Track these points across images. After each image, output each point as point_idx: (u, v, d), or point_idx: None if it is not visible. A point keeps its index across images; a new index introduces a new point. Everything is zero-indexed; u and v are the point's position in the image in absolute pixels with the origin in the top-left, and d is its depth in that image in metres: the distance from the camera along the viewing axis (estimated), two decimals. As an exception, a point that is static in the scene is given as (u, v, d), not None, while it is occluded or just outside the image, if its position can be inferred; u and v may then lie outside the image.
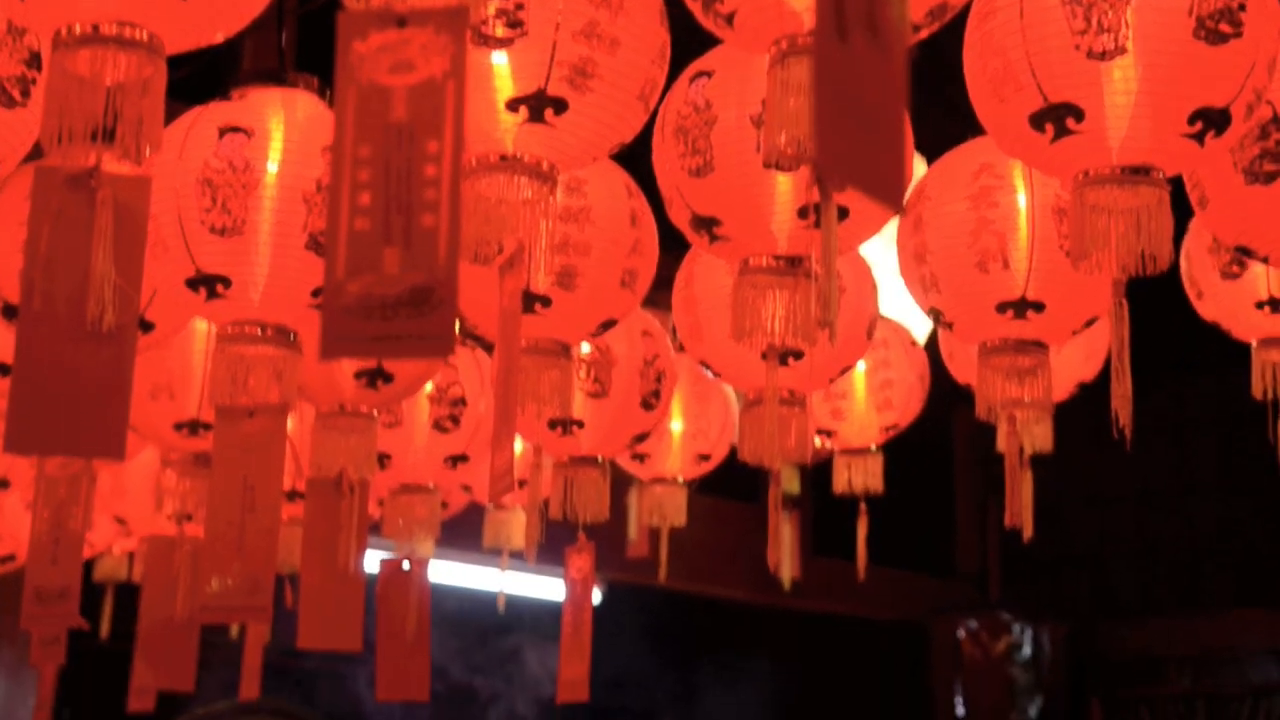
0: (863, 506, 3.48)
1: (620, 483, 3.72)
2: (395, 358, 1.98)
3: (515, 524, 3.83)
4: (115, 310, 1.42)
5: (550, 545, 3.40)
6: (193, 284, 1.97)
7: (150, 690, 2.93)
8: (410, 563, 3.20)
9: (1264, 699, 6.87)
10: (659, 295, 3.03)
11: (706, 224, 2.10)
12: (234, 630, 3.70)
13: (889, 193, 0.91)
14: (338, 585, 2.49)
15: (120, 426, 1.41)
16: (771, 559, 2.92)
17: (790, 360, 2.63)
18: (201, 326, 2.63)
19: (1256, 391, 2.75)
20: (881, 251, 3.24)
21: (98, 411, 1.39)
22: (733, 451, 4.00)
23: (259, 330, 2.01)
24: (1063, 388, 2.99)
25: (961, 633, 7.23)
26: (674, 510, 3.63)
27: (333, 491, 2.55)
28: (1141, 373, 2.69)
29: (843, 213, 2.07)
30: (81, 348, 1.42)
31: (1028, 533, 2.97)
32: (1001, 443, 2.85)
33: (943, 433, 8.06)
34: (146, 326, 2.25)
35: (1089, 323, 2.43)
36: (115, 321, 1.41)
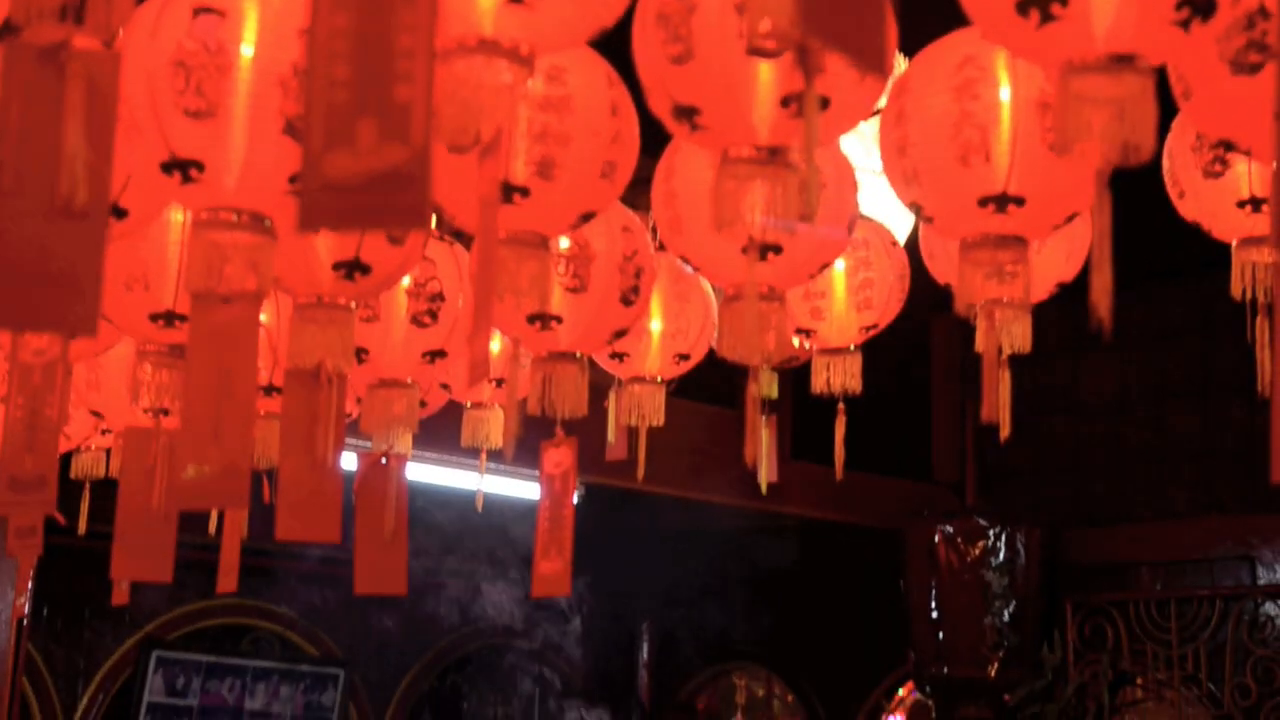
0: (841, 407, 3.48)
1: (599, 389, 3.72)
2: (372, 228, 1.96)
3: (493, 422, 3.82)
4: (87, 187, 1.40)
5: (530, 446, 3.41)
6: (167, 168, 1.95)
7: (128, 583, 2.94)
8: (388, 458, 3.20)
9: (1233, 602, 6.95)
10: (640, 199, 3.01)
11: (687, 113, 2.08)
12: (212, 527, 3.70)
13: (872, 57, 0.90)
14: (315, 477, 2.49)
15: (93, 303, 1.40)
16: (749, 454, 2.93)
17: (770, 256, 2.62)
18: (177, 217, 2.61)
19: (1235, 292, 2.74)
20: (863, 153, 3.22)
21: (71, 289, 1.38)
22: (713, 355, 4.01)
23: (234, 217, 1.99)
24: (1042, 287, 2.99)
25: (937, 537, 7.28)
26: (652, 410, 3.63)
27: (310, 384, 2.53)
28: (1119, 280, 2.69)
29: (824, 102, 2.05)
30: (54, 225, 1.40)
31: (1005, 432, 2.97)
32: (980, 342, 2.85)
33: (921, 340, 8.08)
34: (120, 213, 2.23)
35: (1069, 218, 2.42)
36: (87, 199, 1.39)
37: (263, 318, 2.91)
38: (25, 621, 5.30)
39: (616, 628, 9.64)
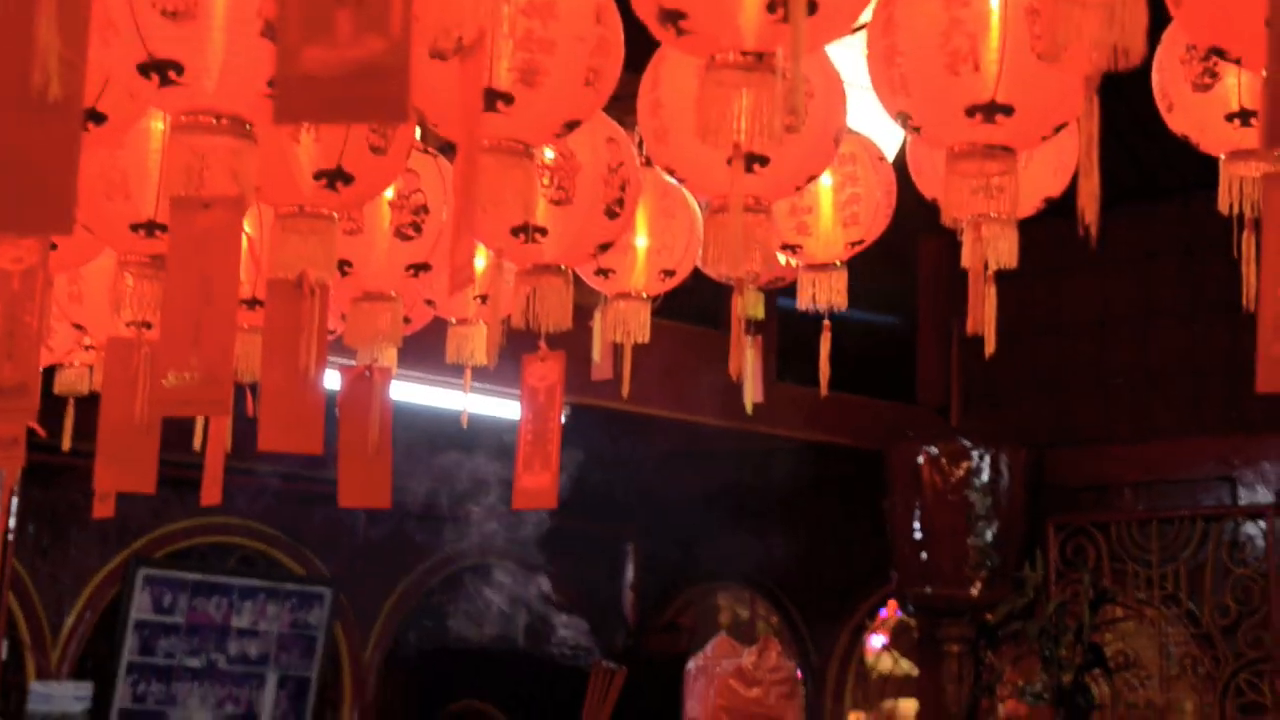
0: (826, 323, 3.48)
1: (584, 310, 3.71)
2: (349, 121, 1.94)
3: (478, 339, 3.81)
4: (61, 82, 1.37)
5: (518, 365, 3.40)
6: (144, 69, 1.92)
7: (111, 495, 2.93)
8: (372, 372, 3.19)
9: (1214, 522, 7.00)
10: (626, 116, 2.98)
11: (672, 17, 2.05)
12: (197, 442, 3.69)
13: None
14: (298, 387, 2.48)
15: (68, 201, 1.38)
16: (733, 368, 2.92)
17: (755, 167, 2.60)
18: (157, 125, 2.58)
19: (1223, 205, 2.73)
20: (851, 68, 3.19)
21: (44, 186, 1.36)
22: (700, 275, 3.99)
23: (214, 120, 1.97)
24: (1029, 202, 2.98)
25: (921, 459, 7.31)
26: (638, 326, 3.61)
27: (292, 295, 2.52)
28: (1105, 199, 2.67)
29: (811, 7, 2.03)
30: (26, 122, 1.38)
31: (989, 347, 2.97)
32: (966, 256, 2.84)
33: (907, 262, 8.07)
34: (99, 118, 2.20)
35: (1058, 129, 2.40)
36: (61, 94, 1.37)
37: (245, 228, 2.90)
38: (11, 537, 5.31)
39: (601, 549, 9.69)
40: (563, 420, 7.31)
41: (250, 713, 7.98)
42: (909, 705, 8.85)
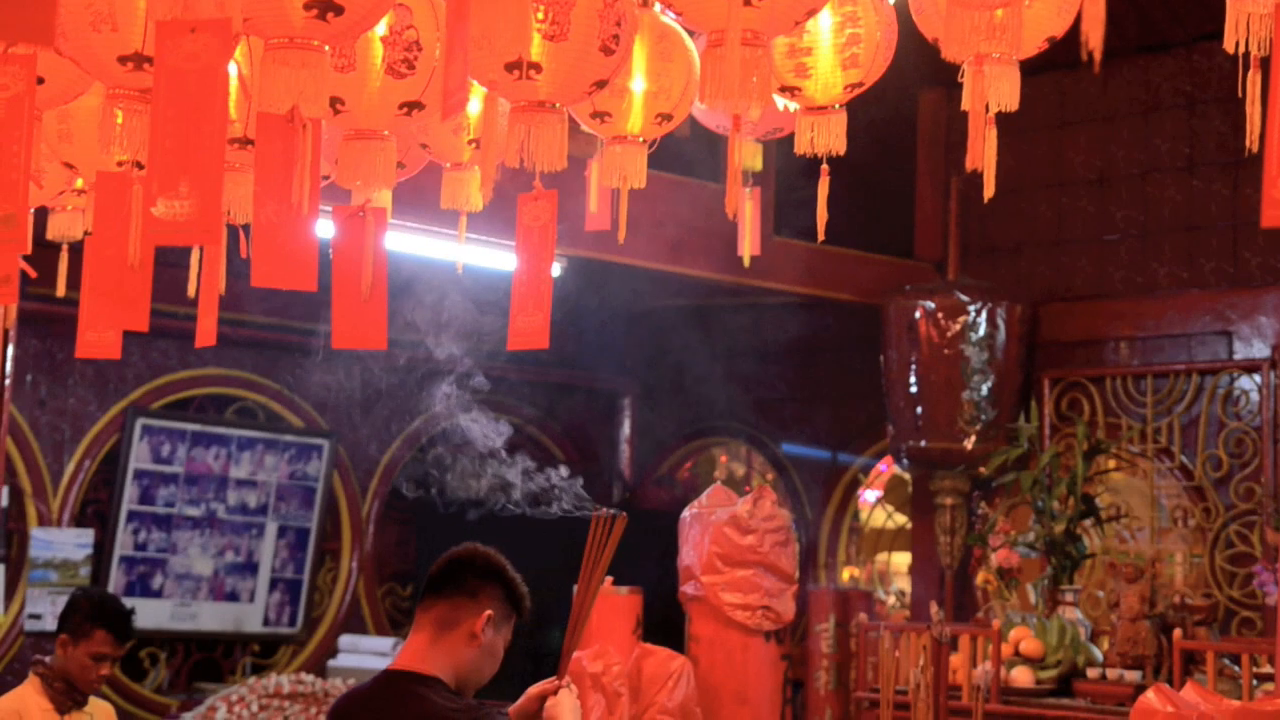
0: (825, 167, 3.45)
1: (579, 161, 3.67)
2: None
3: (472, 184, 3.78)
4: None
5: (511, 216, 3.36)
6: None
7: (101, 335, 2.91)
8: (366, 212, 3.17)
9: (1209, 377, 7.01)
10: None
11: None
12: (191, 288, 3.67)
13: None
14: (291, 223, 2.45)
15: (49, 11, 1.35)
16: (730, 205, 2.90)
17: (754, 0, 2.56)
18: (144, -46, 2.52)
19: (1229, 44, 2.69)
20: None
21: (26, -5, 1.33)
22: (698, 127, 3.94)
23: (200, -58, 1.92)
24: (1032, 41, 2.93)
25: (918, 313, 7.30)
26: (634, 171, 3.58)
27: (284, 128, 2.48)
28: (1107, 49, 2.62)
29: None
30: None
31: (989, 190, 2.94)
32: (966, 98, 2.80)
33: (907, 116, 7.99)
34: (83, -57, 2.15)
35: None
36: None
37: (238, 62, 2.85)
38: (8, 381, 5.31)
39: (598, 402, 9.74)
40: (557, 274, 7.30)
41: (250, 561, 8.07)
42: (901, 559, 8.96)
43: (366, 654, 7.93)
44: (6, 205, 2.09)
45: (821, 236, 3.58)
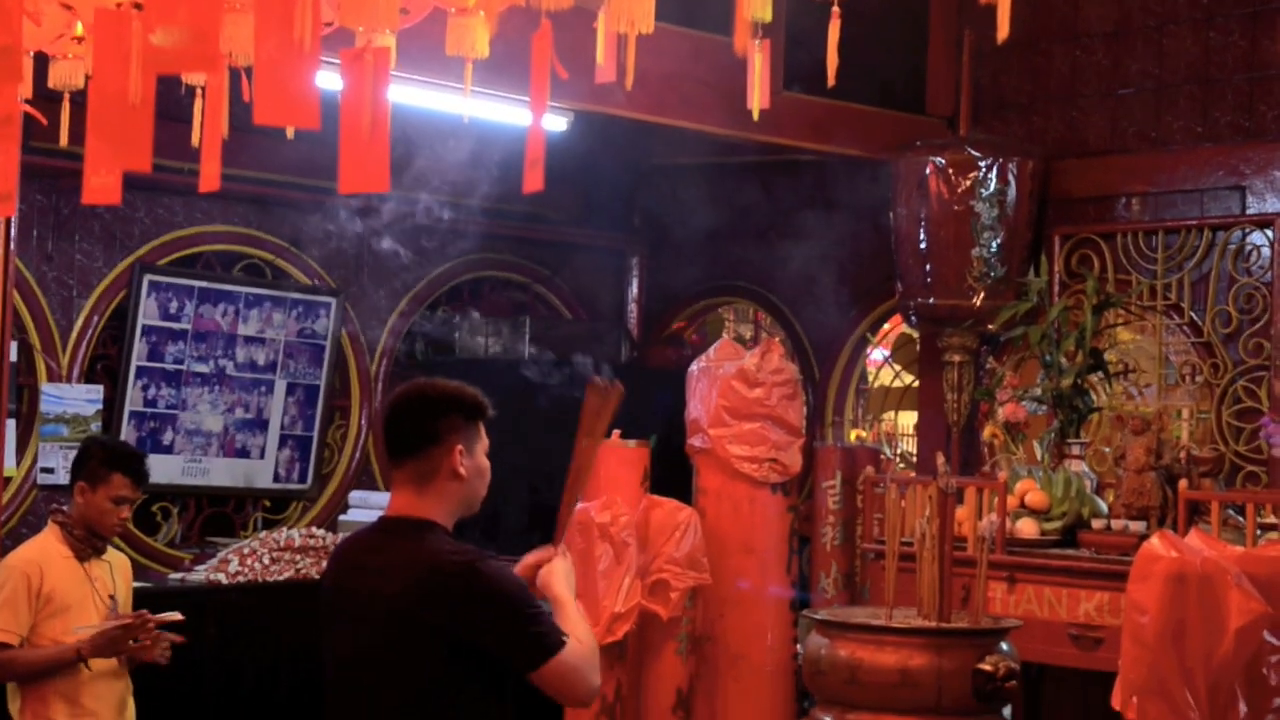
0: (835, 9, 3.39)
1: (587, 13, 3.60)
2: None
3: (479, 30, 3.72)
4: None
5: (517, 64, 3.32)
6: None
7: (104, 180, 2.88)
8: (369, 53, 3.12)
9: (1221, 232, 6.97)
10: None
11: None
12: (195, 136, 3.63)
13: None
14: (293, 59, 2.42)
15: None
16: (738, 41, 2.86)
17: None
18: None
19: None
20: None
21: None
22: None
23: None
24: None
25: (928, 169, 7.24)
26: (642, 14, 3.52)
27: (284, -38, 2.43)
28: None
29: None
30: None
31: (1003, 31, 2.89)
32: (980, -66, 2.75)
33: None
34: None
35: None
36: None
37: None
38: (14, 230, 5.30)
39: (606, 261, 9.71)
40: (563, 123, 7.23)
41: (260, 418, 8.12)
42: (908, 418, 9.00)
43: (376, 509, 8.00)
44: (2, 36, 2.06)
45: (831, 82, 3.53)
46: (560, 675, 3.22)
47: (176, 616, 4.90)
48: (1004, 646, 4.59)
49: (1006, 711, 5.10)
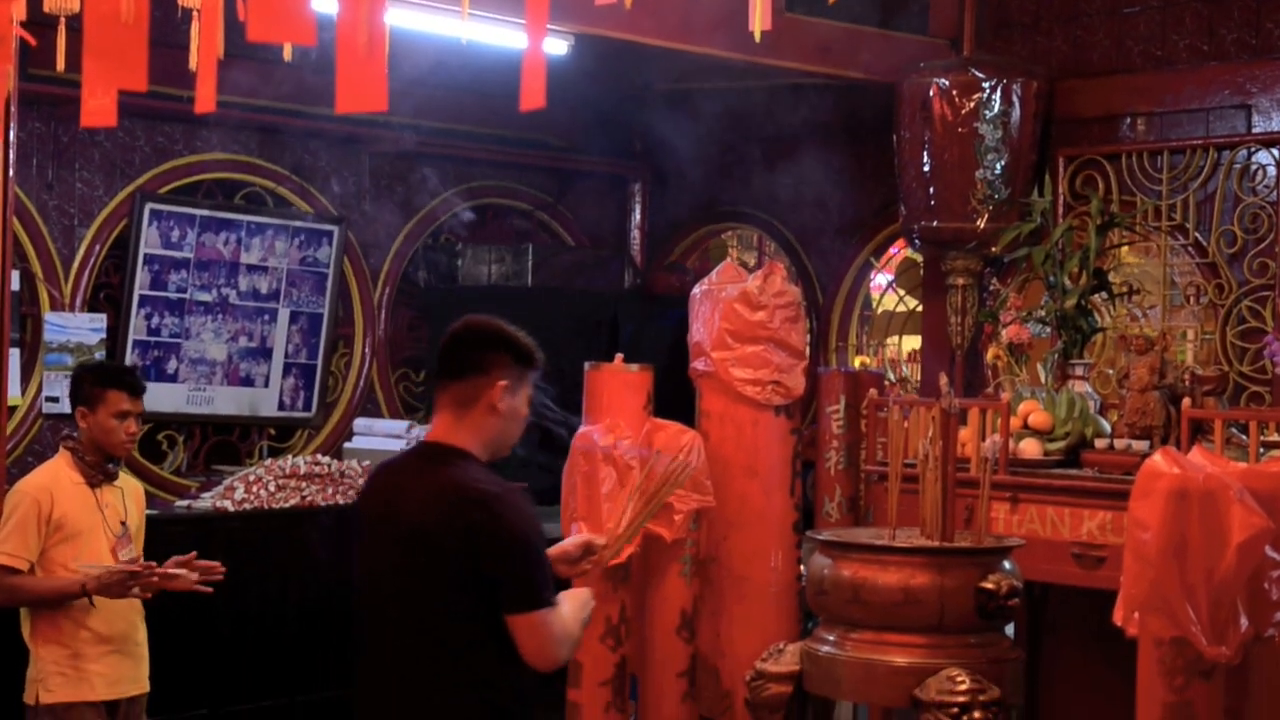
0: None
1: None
2: None
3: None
4: None
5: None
6: None
7: (101, 100, 2.86)
8: (365, -29, 3.08)
9: (1226, 151, 6.92)
10: None
11: None
12: (192, 60, 3.60)
13: None
14: (286, -26, 2.39)
15: None
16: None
17: None
18: None
19: None
20: None
21: None
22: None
23: None
24: None
25: (931, 90, 7.18)
26: (641, -68, 3.48)
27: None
28: None
29: None
30: None
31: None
32: None
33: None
34: None
35: None
36: None
37: None
38: (12, 155, 5.28)
39: (609, 187, 9.68)
40: (564, 46, 7.16)
41: (264, 346, 8.12)
42: (912, 342, 8.99)
43: (380, 436, 8.03)
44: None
45: (832, 1, 3.50)
46: (536, 630, 3.26)
47: (193, 557, 4.94)
48: (1006, 565, 4.61)
49: (1009, 629, 5.13)
